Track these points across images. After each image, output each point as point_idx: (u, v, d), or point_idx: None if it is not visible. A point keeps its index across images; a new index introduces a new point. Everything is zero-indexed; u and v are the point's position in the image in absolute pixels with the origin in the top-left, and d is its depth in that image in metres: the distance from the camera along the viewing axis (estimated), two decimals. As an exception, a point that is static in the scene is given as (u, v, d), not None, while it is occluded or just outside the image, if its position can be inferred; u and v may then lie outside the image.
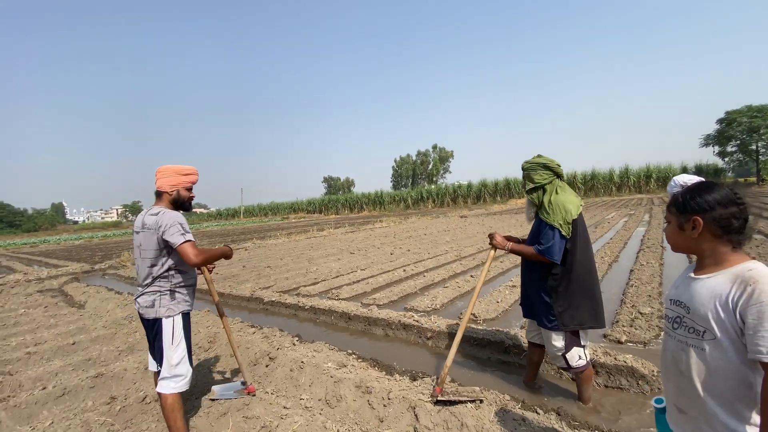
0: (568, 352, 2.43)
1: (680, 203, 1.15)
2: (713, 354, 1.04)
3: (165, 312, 2.27)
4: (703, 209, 1.10)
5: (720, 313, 1.03)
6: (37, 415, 2.88)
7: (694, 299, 1.11)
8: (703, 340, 1.06)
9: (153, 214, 2.28)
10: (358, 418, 2.52)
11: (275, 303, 5.71)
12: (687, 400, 1.12)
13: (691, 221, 1.11)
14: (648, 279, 5.26)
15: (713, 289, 1.06)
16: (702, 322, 1.07)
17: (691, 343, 1.10)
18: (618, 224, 13.13)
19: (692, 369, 1.09)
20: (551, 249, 2.31)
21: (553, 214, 2.33)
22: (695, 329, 1.08)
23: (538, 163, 2.50)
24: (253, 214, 71.00)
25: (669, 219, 1.21)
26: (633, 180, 39.77)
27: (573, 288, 2.38)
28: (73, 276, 10.09)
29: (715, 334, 1.04)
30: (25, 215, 75.96)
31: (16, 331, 5.06)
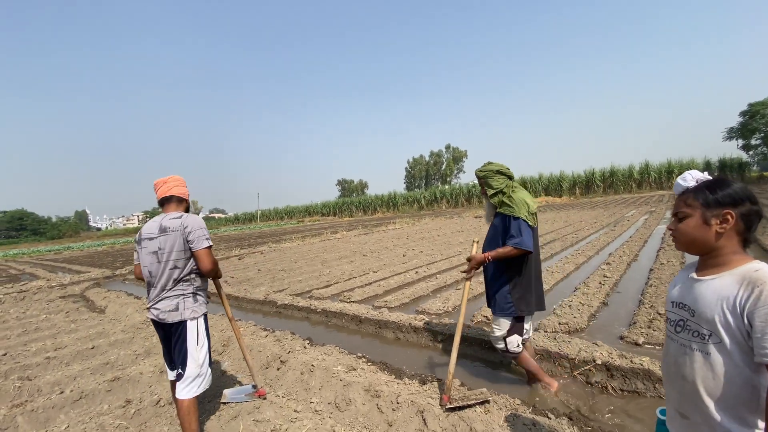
0: (509, 336, 2.67)
1: (709, 196, 1.08)
2: (718, 358, 1.01)
3: (190, 314, 2.31)
4: (735, 202, 1.05)
5: (727, 316, 0.99)
6: (53, 419, 2.95)
7: (698, 302, 1.06)
8: (709, 344, 1.03)
9: (175, 218, 2.32)
10: (366, 422, 2.51)
11: (288, 306, 5.75)
12: (690, 405, 1.09)
13: (722, 215, 1.05)
14: (668, 278, 5.09)
15: (720, 292, 1.02)
16: (707, 325, 1.03)
17: (695, 346, 1.06)
18: (638, 222, 12.79)
19: (696, 373, 1.06)
20: (525, 240, 2.51)
21: (518, 208, 2.56)
22: (700, 332, 1.05)
23: (493, 170, 2.75)
24: (269, 218, 71.92)
25: (689, 213, 1.12)
26: (654, 176, 38.65)
27: (528, 276, 2.63)
28: (95, 281, 10.39)
29: (721, 338, 1.00)
30: (49, 223, 78.58)
31: (36, 337, 5.23)
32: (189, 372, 2.28)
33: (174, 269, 2.29)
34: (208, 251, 2.33)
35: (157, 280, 2.31)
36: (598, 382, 2.83)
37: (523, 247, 2.49)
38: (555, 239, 10.24)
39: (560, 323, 3.84)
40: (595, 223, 13.40)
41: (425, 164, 78.25)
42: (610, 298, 4.72)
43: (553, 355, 3.11)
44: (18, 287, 9.74)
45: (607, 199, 32.24)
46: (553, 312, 4.22)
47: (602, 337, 3.43)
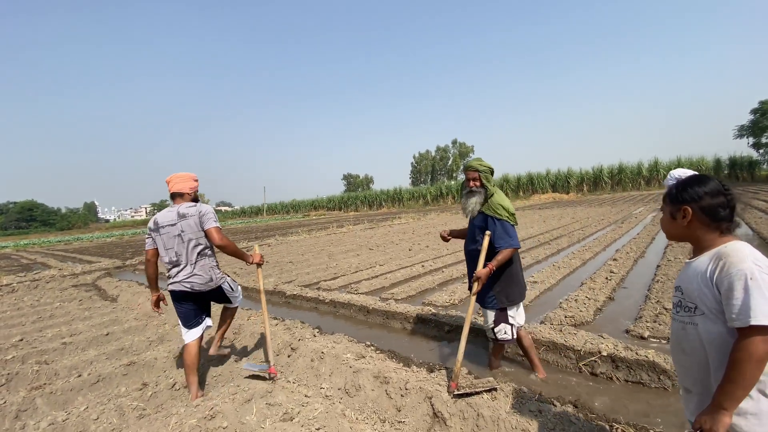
0: (497, 326, 2.85)
1: (672, 194, 1.26)
2: (704, 328, 1.13)
3: (220, 280, 3.07)
4: (692, 199, 1.20)
5: (703, 288, 1.13)
6: (72, 401, 3.06)
7: (685, 281, 1.22)
8: (695, 315, 1.15)
9: (191, 206, 2.93)
10: (376, 406, 2.58)
11: (297, 296, 5.85)
12: (690, 379, 1.20)
13: (681, 210, 1.22)
14: (675, 274, 5.10)
15: (697, 268, 1.18)
16: (691, 299, 1.17)
17: (686, 321, 1.19)
18: (646, 219, 12.73)
19: (691, 345, 1.17)
20: (514, 240, 2.73)
21: (500, 209, 2.76)
22: (688, 307, 1.18)
23: (489, 169, 2.91)
24: (275, 211, 72.24)
25: (663, 209, 1.33)
26: (663, 173, 38.21)
27: (509, 272, 2.81)
28: (106, 271, 10.57)
29: (703, 310, 1.13)
30: (59, 214, 79.67)
31: (51, 323, 5.36)
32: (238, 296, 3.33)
33: (197, 246, 2.90)
34: (217, 229, 2.91)
35: (184, 257, 2.88)
36: (603, 373, 2.88)
37: (513, 246, 2.71)
38: (562, 235, 10.23)
39: (566, 316, 3.88)
40: (603, 220, 13.35)
41: (431, 159, 77.95)
42: (616, 293, 4.74)
43: (559, 347, 3.16)
44: (31, 276, 9.94)
45: (614, 196, 32.01)
46: (560, 306, 4.26)
47: (608, 331, 3.47)
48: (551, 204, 28.57)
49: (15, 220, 71.56)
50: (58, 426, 2.53)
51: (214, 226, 2.89)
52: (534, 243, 9.20)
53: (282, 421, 2.45)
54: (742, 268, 1.04)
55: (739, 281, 1.03)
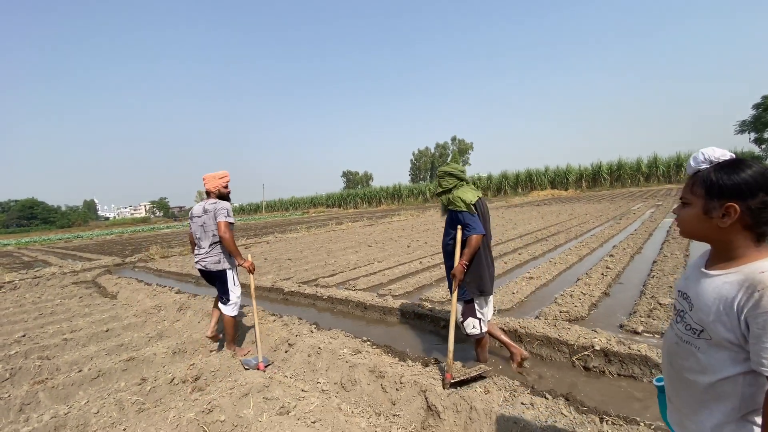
0: (465, 321, 2.96)
1: (713, 184, 0.95)
2: (704, 353, 0.96)
3: (227, 265, 3.58)
4: (741, 194, 0.91)
5: (722, 316, 0.92)
6: (73, 395, 3.11)
7: (699, 297, 0.98)
8: (699, 339, 0.97)
9: (212, 203, 3.51)
10: (371, 400, 2.62)
11: (295, 293, 5.89)
12: (674, 392, 1.08)
13: (724, 207, 0.93)
14: (671, 270, 5.14)
15: (720, 290, 0.94)
16: (701, 322, 0.97)
17: (685, 339, 1.02)
18: (644, 215, 12.77)
19: (682, 364, 1.02)
20: (475, 228, 2.83)
21: (459, 203, 2.90)
22: (693, 327, 0.99)
23: (445, 172, 3.11)
24: (274, 208, 72.27)
25: (690, 200, 1.01)
26: (662, 170, 38.22)
27: (477, 263, 2.89)
28: (106, 269, 10.61)
29: (709, 335, 0.95)
30: (59, 212, 79.63)
31: (53, 320, 5.41)
32: (231, 300, 3.61)
33: (214, 235, 3.50)
34: (225, 223, 3.42)
35: (203, 242, 3.54)
36: (596, 367, 2.92)
37: (475, 233, 2.81)
38: (559, 231, 10.27)
39: (561, 311, 3.92)
40: (601, 216, 13.38)
41: (431, 156, 77.94)
42: (611, 288, 4.78)
43: (552, 341, 3.20)
44: (32, 273, 9.98)
45: (613, 193, 32.03)
46: (555, 301, 4.30)
47: (602, 325, 3.51)
48: (549, 200, 28.59)
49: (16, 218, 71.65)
50: (60, 419, 2.57)
51: (222, 220, 3.42)
52: (531, 239, 9.23)
53: (279, 414, 2.49)
54: None
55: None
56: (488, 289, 2.94)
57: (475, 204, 2.92)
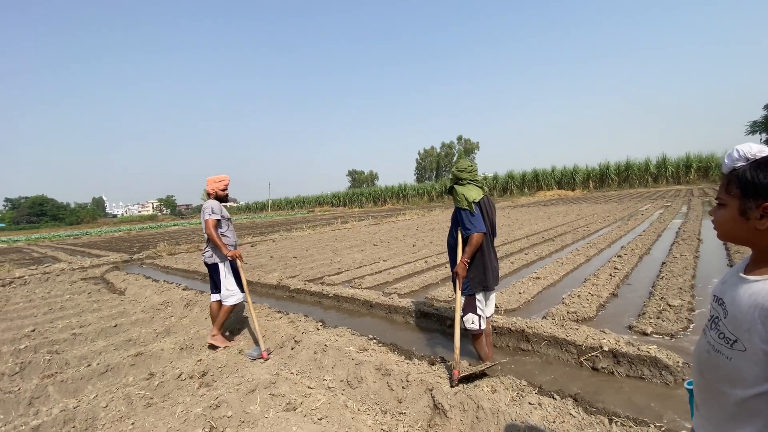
0: (464, 315, 2.94)
1: (748, 183, 0.89)
2: (738, 364, 0.89)
3: (218, 259, 3.81)
4: None
5: (758, 325, 0.85)
6: (82, 389, 3.14)
7: (735, 303, 0.92)
8: (732, 350, 0.90)
9: (206, 203, 3.82)
10: (377, 398, 2.62)
11: (300, 291, 5.90)
12: (702, 402, 1.02)
13: (762, 208, 0.86)
14: (680, 271, 5.08)
15: (757, 297, 0.87)
16: (735, 330, 0.90)
17: (717, 348, 0.94)
18: (653, 216, 12.63)
19: (713, 375, 0.96)
20: (474, 226, 2.85)
21: (461, 200, 2.93)
22: (726, 336, 0.92)
23: (452, 171, 3.15)
24: (280, 207, 72.55)
25: (726, 201, 0.95)
26: (671, 170, 37.76)
27: (480, 258, 2.91)
28: (114, 265, 10.72)
29: (744, 346, 0.88)
30: (68, 209, 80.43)
31: (62, 315, 5.48)
32: (223, 293, 3.82)
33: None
34: (207, 220, 3.68)
35: (205, 237, 3.82)
36: (604, 367, 2.89)
37: (476, 231, 2.83)
38: (566, 232, 10.19)
39: (568, 312, 3.88)
40: (608, 217, 13.27)
41: (436, 156, 77.70)
42: (620, 289, 4.73)
43: (560, 341, 3.17)
44: (42, 269, 10.11)
45: (621, 193, 31.75)
46: (562, 301, 4.27)
47: (610, 326, 3.47)
48: (556, 201, 28.39)
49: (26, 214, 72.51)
50: (69, 413, 2.60)
51: (205, 218, 3.71)
52: (538, 239, 9.17)
53: (285, 411, 2.50)
54: None
55: None
56: (491, 284, 2.96)
57: (479, 202, 2.94)
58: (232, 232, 3.96)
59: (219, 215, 3.76)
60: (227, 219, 3.93)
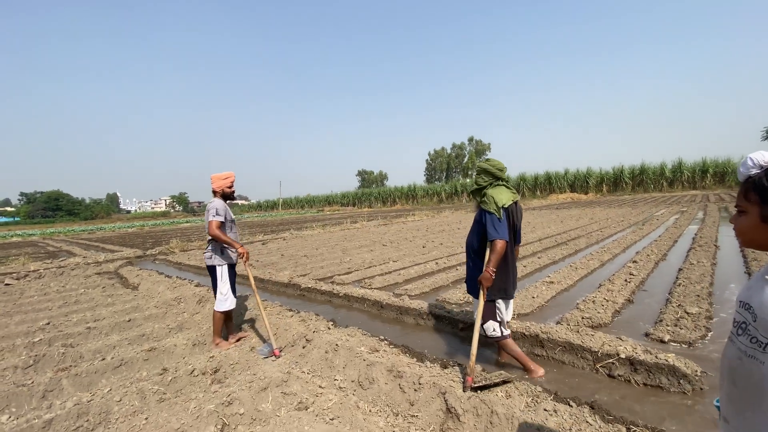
0: (484, 323, 2.89)
1: (766, 189, 0.92)
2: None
3: (218, 262, 3.76)
4: None
5: None
6: (96, 383, 3.17)
7: (764, 306, 0.92)
8: (765, 353, 0.90)
9: (210, 202, 3.76)
10: (389, 400, 2.59)
11: (311, 289, 5.91)
12: (734, 412, 0.99)
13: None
14: (698, 278, 4.96)
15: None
16: (765, 332, 0.90)
17: (750, 353, 0.93)
18: (668, 221, 12.39)
19: (747, 382, 0.94)
20: (499, 233, 2.75)
21: (489, 203, 2.83)
22: (758, 339, 0.92)
23: (482, 168, 3.03)
24: (290, 206, 73.09)
25: (746, 208, 0.97)
26: (687, 175, 37.08)
27: (502, 265, 2.83)
28: (127, 260, 10.88)
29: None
30: (83, 204, 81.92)
31: (76, 309, 5.56)
32: (218, 297, 3.75)
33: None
34: (212, 222, 3.60)
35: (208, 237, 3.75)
36: (621, 375, 2.82)
37: (500, 238, 2.73)
38: (580, 236, 10.05)
39: (583, 317, 3.81)
40: (622, 221, 13.05)
41: (446, 157, 77.45)
42: (635, 295, 4.64)
43: (575, 348, 3.11)
44: (57, 263, 10.30)
45: (635, 198, 31.24)
46: (577, 307, 4.20)
47: (626, 333, 3.39)
48: (569, 204, 28.05)
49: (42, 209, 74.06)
50: (83, 407, 2.62)
51: (209, 220, 3.63)
52: (551, 243, 9.06)
53: (297, 410, 2.49)
54: None
55: None
56: (511, 292, 2.91)
57: (508, 207, 2.83)
58: (234, 234, 3.90)
59: (224, 217, 3.70)
60: (231, 221, 3.86)
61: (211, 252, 3.76)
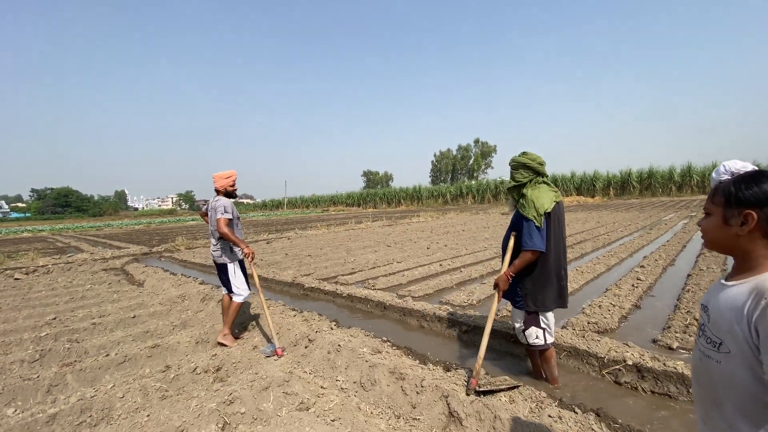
0: (526, 329, 2.71)
1: (731, 193, 1.00)
2: (727, 368, 0.95)
3: (228, 260, 3.85)
4: (759, 202, 0.95)
5: (734, 325, 0.92)
6: (100, 378, 3.19)
7: (716, 308, 1.00)
8: (719, 353, 0.96)
9: (215, 200, 3.78)
10: (391, 402, 2.57)
11: (315, 289, 5.91)
12: (704, 412, 1.05)
13: (742, 215, 0.96)
14: (707, 285, 4.88)
15: (733, 299, 0.95)
16: (719, 333, 0.97)
17: (707, 353, 1.00)
18: (676, 226, 12.24)
19: (708, 380, 1.01)
20: (534, 242, 2.53)
21: (528, 208, 2.57)
22: (713, 340, 0.99)
23: (520, 163, 2.72)
24: (295, 205, 73.28)
25: (711, 210, 1.05)
26: (696, 179, 36.60)
27: (541, 273, 2.61)
28: (134, 257, 10.96)
29: (728, 348, 0.94)
30: (92, 201, 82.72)
31: (83, 304, 5.60)
32: (234, 290, 3.86)
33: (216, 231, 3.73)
34: (222, 219, 3.61)
35: (213, 237, 3.86)
36: (627, 382, 2.78)
37: (534, 248, 2.53)
38: (586, 239, 9.96)
39: (589, 322, 3.76)
40: (630, 225, 12.92)
41: (452, 158, 77.25)
42: (643, 301, 4.58)
43: (581, 353, 3.07)
44: (65, 259, 10.40)
45: (643, 201, 30.92)
46: (582, 311, 4.15)
47: (633, 339, 3.34)
48: (575, 207, 27.84)
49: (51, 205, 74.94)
50: (87, 402, 2.63)
51: (218, 217, 3.64)
52: (557, 246, 8.97)
53: (298, 410, 2.48)
54: None
55: None
56: (550, 304, 2.65)
57: (550, 211, 2.57)
58: (239, 231, 3.94)
59: (231, 214, 3.72)
60: (237, 218, 3.91)
61: (220, 250, 3.81)
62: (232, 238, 3.64)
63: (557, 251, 2.65)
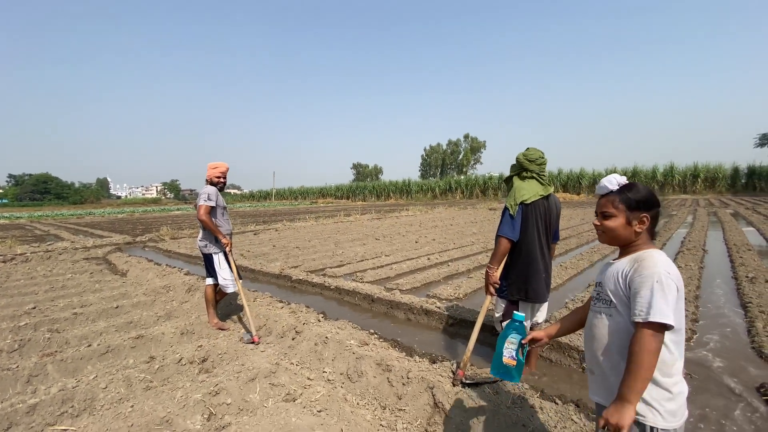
0: (504, 320, 2.77)
1: (632, 201, 1.31)
2: (614, 319, 1.28)
3: (214, 250, 3.87)
4: (649, 207, 1.30)
5: (618, 285, 1.27)
6: (82, 369, 3.13)
7: (606, 277, 1.34)
8: (611, 308, 1.30)
9: (203, 189, 3.83)
10: (377, 393, 2.60)
11: (302, 281, 5.90)
12: (595, 361, 1.34)
13: (641, 218, 1.30)
14: (686, 281, 5.03)
15: (618, 268, 1.30)
16: (609, 294, 1.30)
17: (603, 311, 1.33)
18: (658, 224, 12.53)
19: (600, 332, 1.32)
20: (503, 229, 2.63)
21: (509, 197, 2.70)
22: (605, 300, 1.32)
23: (518, 158, 2.80)
24: (283, 197, 72.62)
25: (614, 213, 1.34)
26: (678, 179, 37.53)
27: (521, 264, 2.68)
28: (116, 246, 10.75)
29: (616, 303, 1.28)
30: (72, 188, 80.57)
31: (63, 294, 5.47)
32: (220, 282, 3.89)
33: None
34: (201, 206, 3.67)
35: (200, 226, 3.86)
36: (606, 374, 2.86)
37: (504, 236, 2.61)
38: (570, 236, 10.14)
39: (572, 316, 3.85)
40: (613, 223, 13.17)
41: (442, 153, 77.41)
42: (623, 296, 4.69)
43: (563, 346, 3.15)
44: (44, 247, 10.15)
45: (626, 200, 31.53)
46: (566, 306, 4.24)
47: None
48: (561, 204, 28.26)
49: (30, 191, 72.75)
50: (68, 392, 2.60)
51: (199, 204, 3.69)
52: (542, 242, 9.12)
53: (284, 401, 2.49)
54: (653, 272, 1.18)
55: (648, 282, 1.17)
56: (534, 296, 2.68)
57: (530, 203, 2.62)
58: (226, 221, 4.00)
59: (215, 202, 3.77)
60: (223, 207, 3.94)
61: (206, 241, 3.85)
62: (210, 226, 3.70)
63: (532, 244, 2.67)
